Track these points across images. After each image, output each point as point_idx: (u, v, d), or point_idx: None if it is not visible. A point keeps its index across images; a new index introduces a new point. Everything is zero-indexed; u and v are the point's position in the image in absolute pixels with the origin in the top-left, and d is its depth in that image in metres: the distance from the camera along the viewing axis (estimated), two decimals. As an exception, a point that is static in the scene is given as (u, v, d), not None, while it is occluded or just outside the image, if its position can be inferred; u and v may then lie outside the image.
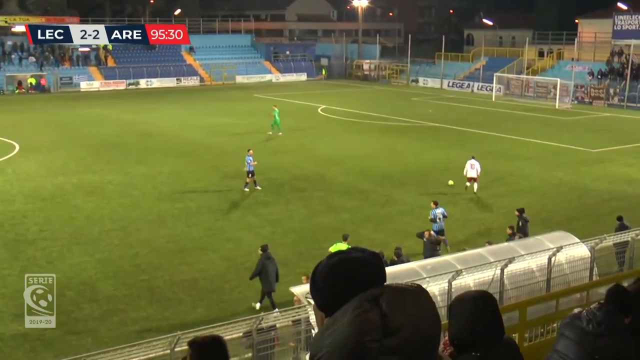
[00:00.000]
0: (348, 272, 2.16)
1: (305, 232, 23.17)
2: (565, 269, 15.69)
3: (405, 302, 2.03)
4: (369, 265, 2.19)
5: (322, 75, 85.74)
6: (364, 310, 1.99)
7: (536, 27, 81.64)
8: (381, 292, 2.05)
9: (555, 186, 29.54)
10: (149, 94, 66.54)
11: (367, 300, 2.02)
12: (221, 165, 33.12)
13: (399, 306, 2.00)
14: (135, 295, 17.69)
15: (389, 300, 2.01)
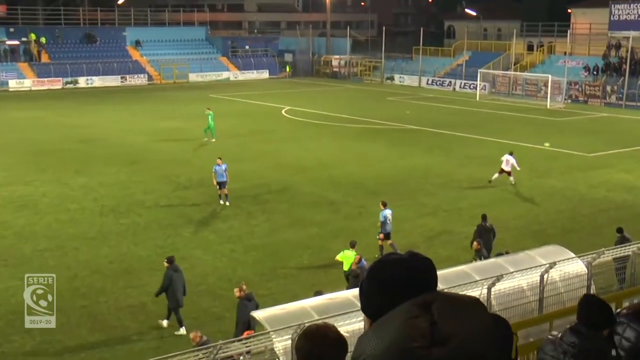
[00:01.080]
0: (399, 275, 2.26)
1: (268, 249, 23.10)
2: (560, 288, 15.87)
3: (459, 312, 2.10)
4: (422, 270, 2.29)
5: (286, 73, 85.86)
6: (414, 315, 2.07)
7: (524, 18, 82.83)
8: (434, 298, 2.12)
9: (547, 195, 29.90)
10: (90, 94, 65.93)
11: (418, 305, 2.10)
12: (172, 175, 32.89)
13: (450, 315, 2.07)
14: (73, 324, 17.44)
15: (441, 308, 2.08)
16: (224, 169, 27.95)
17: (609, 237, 23.60)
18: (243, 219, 26.24)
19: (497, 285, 14.60)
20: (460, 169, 34.30)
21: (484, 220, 22.05)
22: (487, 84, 68.69)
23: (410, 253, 2.35)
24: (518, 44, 74.70)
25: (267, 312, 14.19)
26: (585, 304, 5.15)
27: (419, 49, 79.56)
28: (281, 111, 54.70)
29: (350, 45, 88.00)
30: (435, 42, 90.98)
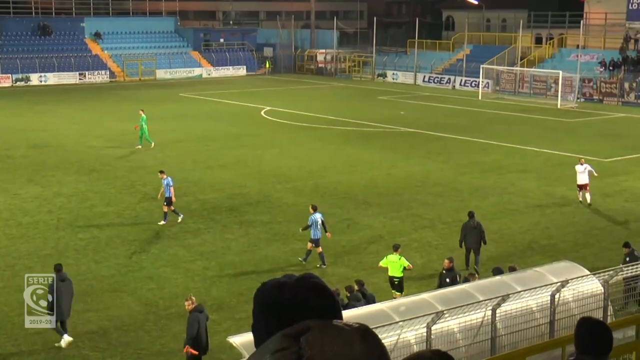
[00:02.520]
0: (281, 299, 2.26)
1: (246, 266, 23.08)
2: (573, 309, 15.95)
3: (333, 342, 2.07)
4: (309, 294, 2.27)
5: (265, 69, 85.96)
6: (281, 347, 2.07)
7: (532, 7, 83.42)
8: (307, 327, 2.11)
9: (558, 205, 30.07)
10: (43, 93, 65.72)
11: (288, 336, 2.10)
12: (138, 184, 32.82)
13: (323, 348, 2.06)
14: (26, 353, 17.34)
15: (313, 339, 2.07)
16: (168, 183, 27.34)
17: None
18: (217, 233, 26.20)
19: (503, 307, 14.65)
20: (461, 176, 34.44)
21: (470, 217, 23.01)
22: (491, 81, 69.02)
23: (300, 276, 2.33)
24: (525, 36, 75.14)
25: (245, 337, 14.17)
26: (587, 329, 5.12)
27: (414, 42, 79.92)
28: (260, 112, 54.73)
29: (337, 38, 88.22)
30: (433, 35, 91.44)
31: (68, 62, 75.71)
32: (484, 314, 14.44)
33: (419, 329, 13.53)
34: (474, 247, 22.67)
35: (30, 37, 78.74)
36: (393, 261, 20.13)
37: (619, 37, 67.88)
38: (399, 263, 20.02)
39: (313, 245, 23.00)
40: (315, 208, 23.43)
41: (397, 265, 20.00)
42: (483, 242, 22.90)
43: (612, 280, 16.60)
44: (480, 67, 67.79)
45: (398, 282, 20.07)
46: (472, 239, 22.70)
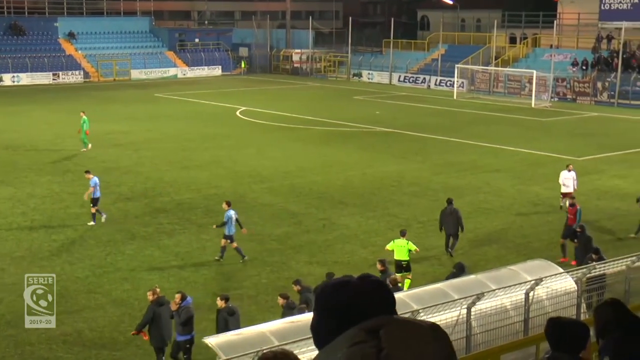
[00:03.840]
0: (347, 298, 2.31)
1: (222, 267, 23.04)
2: (547, 306, 16.05)
3: (411, 339, 2.14)
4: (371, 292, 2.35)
5: (241, 69, 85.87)
6: (360, 340, 2.12)
7: (506, 7, 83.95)
8: (383, 323, 2.17)
9: (533, 204, 30.26)
10: (16, 94, 65.21)
11: (365, 330, 2.15)
12: (113, 185, 32.64)
13: (401, 342, 2.11)
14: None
15: (391, 333, 2.13)
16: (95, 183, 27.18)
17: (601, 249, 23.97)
18: (193, 233, 26.13)
19: (478, 305, 14.73)
20: (436, 176, 34.58)
21: (448, 204, 24.42)
22: (466, 80, 69.35)
23: (361, 275, 2.39)
24: (499, 36, 75.57)
25: (220, 338, 14.16)
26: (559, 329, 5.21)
27: (390, 42, 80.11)
28: (236, 112, 54.63)
29: (312, 38, 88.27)
30: (408, 35, 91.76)
31: (41, 62, 75.17)
32: (459, 313, 14.50)
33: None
34: (452, 232, 23.99)
35: (3, 36, 78.10)
36: (401, 245, 21.21)
37: (591, 37, 68.47)
38: (406, 247, 21.17)
39: (228, 241, 23.32)
40: (230, 204, 23.93)
41: (405, 249, 21.15)
42: (460, 228, 24.02)
43: (586, 278, 16.73)
44: (455, 66, 68.07)
45: (406, 264, 21.21)
46: (449, 225, 24.02)
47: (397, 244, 21.37)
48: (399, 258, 21.26)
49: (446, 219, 24.18)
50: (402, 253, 21.22)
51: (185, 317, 16.28)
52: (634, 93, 60.62)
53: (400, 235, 21.75)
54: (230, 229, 23.33)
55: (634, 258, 17.63)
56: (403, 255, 21.21)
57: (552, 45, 69.85)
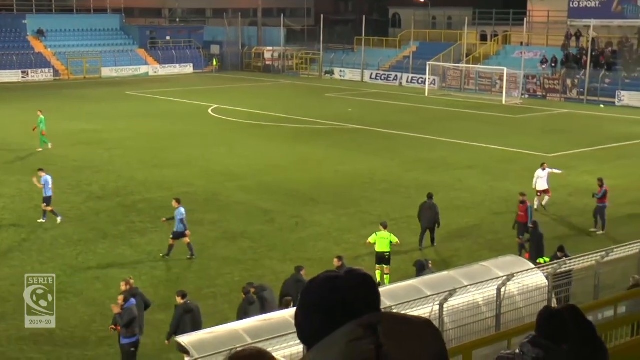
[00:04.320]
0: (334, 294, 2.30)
1: (194, 265, 22.97)
2: (518, 302, 16.17)
3: (407, 334, 2.15)
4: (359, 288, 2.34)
5: (212, 67, 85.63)
6: (357, 337, 2.11)
7: (477, 5, 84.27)
8: (380, 319, 2.17)
9: (504, 200, 30.43)
10: (-15, 92, 64.51)
11: (363, 326, 2.15)
12: (84, 183, 32.46)
13: (398, 338, 2.12)
14: (-31, 357, 17.05)
15: (388, 329, 2.13)
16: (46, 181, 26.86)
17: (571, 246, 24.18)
18: (165, 232, 25.95)
19: (450, 301, 14.80)
20: (408, 173, 34.69)
21: (428, 198, 25.15)
22: (437, 78, 69.66)
23: (347, 270, 2.39)
24: (470, 33, 75.96)
25: (193, 336, 14.11)
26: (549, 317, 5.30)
27: (361, 40, 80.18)
28: (208, 110, 54.46)
29: (284, 35, 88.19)
30: (380, 32, 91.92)
31: (10, 60, 74.41)
32: (431, 309, 14.57)
33: (367, 325, 13.56)
34: (429, 226, 24.62)
35: (-32, 34, 77.31)
36: (383, 237, 21.65)
37: (561, 35, 69.01)
38: (388, 239, 21.63)
39: (174, 238, 23.43)
40: (179, 201, 24.03)
41: (387, 241, 21.58)
42: (437, 224, 24.59)
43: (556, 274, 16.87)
44: (427, 64, 68.33)
45: (388, 256, 21.64)
46: (427, 219, 24.62)
47: (379, 236, 21.74)
48: (381, 250, 21.63)
49: (424, 212, 24.77)
50: (384, 245, 21.61)
51: (128, 319, 16.18)
52: (603, 90, 61.19)
53: (382, 227, 22.07)
54: (178, 227, 23.49)
55: (603, 253, 17.81)
56: (385, 247, 21.61)
57: (523, 43, 70.36)
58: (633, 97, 59.15)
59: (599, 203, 26.61)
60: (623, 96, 59.65)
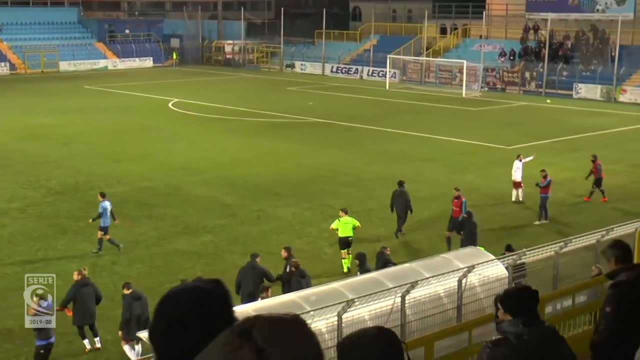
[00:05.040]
0: (190, 306, 2.27)
1: (156, 260, 22.83)
2: (479, 293, 16.30)
3: (284, 334, 2.12)
4: (214, 295, 2.32)
5: (172, 60, 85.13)
6: (235, 347, 2.05)
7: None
8: (252, 323, 2.12)
9: (465, 192, 30.56)
10: (-60, 87, 63.49)
11: (238, 334, 2.09)
12: (42, 178, 32.11)
13: (276, 339, 2.09)
14: None
15: (264, 333, 2.09)
16: None
17: (531, 236, 24.47)
18: (125, 227, 25.82)
19: (412, 293, 14.87)
20: (369, 166, 34.79)
21: (399, 185, 25.67)
22: (398, 71, 69.91)
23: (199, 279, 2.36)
24: (430, 26, 76.33)
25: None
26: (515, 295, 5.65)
27: (322, 33, 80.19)
28: (168, 104, 54.13)
29: (245, 29, 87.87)
30: (340, 25, 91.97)
31: (-35, 54, 73.35)
32: (393, 301, 14.62)
33: (330, 317, 13.61)
34: (400, 213, 25.10)
35: None
36: (346, 222, 22.29)
37: (519, 28, 69.62)
38: (351, 223, 22.31)
39: (103, 233, 23.35)
40: (104, 195, 24.03)
41: (349, 226, 22.23)
42: (409, 210, 25.10)
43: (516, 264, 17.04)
44: (387, 57, 68.57)
45: (351, 240, 22.23)
46: (398, 206, 25.15)
47: (342, 222, 22.31)
48: (344, 235, 22.19)
49: (396, 200, 25.30)
50: (347, 230, 22.19)
51: None
52: (560, 83, 61.92)
53: (343, 213, 22.65)
54: (105, 221, 23.32)
55: (562, 244, 18.02)
56: (348, 232, 22.19)
57: (482, 36, 70.86)
58: (590, 90, 59.92)
59: (542, 193, 26.92)
60: (580, 89, 60.40)
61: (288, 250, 19.73)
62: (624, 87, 59.00)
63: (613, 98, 58.33)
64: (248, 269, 18.58)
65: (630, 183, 32.46)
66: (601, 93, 59.31)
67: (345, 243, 22.29)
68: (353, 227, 22.35)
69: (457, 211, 23.87)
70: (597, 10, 66.64)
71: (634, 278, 7.05)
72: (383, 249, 20.09)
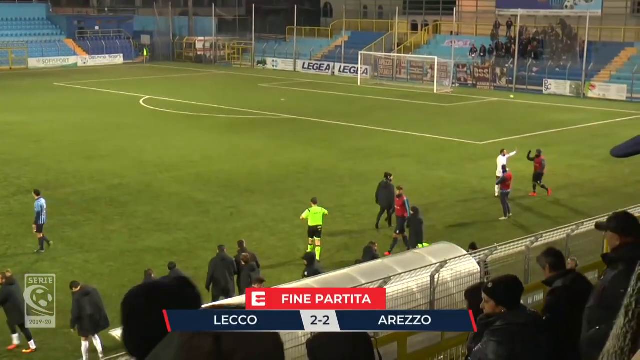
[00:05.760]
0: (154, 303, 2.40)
1: (128, 258, 22.73)
2: (451, 288, 16.40)
3: None
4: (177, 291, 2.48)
5: (143, 57, 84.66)
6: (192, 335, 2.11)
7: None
8: None
9: (437, 188, 30.84)
10: None
11: None
12: (11, 177, 31.84)
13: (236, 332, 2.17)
14: None
15: None
16: None
17: (502, 231, 24.66)
18: (97, 224, 25.70)
19: (385, 289, 14.94)
20: (342, 162, 34.85)
21: (385, 177, 26.09)
22: (369, 67, 70.03)
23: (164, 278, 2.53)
24: (401, 23, 76.47)
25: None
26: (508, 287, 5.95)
27: (293, 29, 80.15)
28: (139, 101, 53.84)
29: (216, 25, 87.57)
30: (311, 22, 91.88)
31: None
32: (366, 297, 14.65)
33: (303, 313, 13.62)
34: (385, 205, 25.51)
35: None
36: (315, 212, 22.89)
37: (489, 24, 70.04)
38: (320, 212, 22.92)
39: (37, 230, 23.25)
40: (39, 193, 23.94)
41: (319, 215, 22.85)
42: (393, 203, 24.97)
43: (489, 259, 17.18)
44: (359, 53, 68.70)
45: (320, 229, 22.85)
46: (383, 198, 25.52)
47: (312, 212, 22.90)
48: (314, 224, 22.79)
49: (381, 192, 25.67)
50: (317, 219, 22.81)
51: None
52: (530, 78, 62.43)
53: (313, 203, 23.28)
54: (41, 218, 23.21)
55: (533, 239, 18.19)
56: (318, 221, 22.81)
57: (453, 32, 71.16)
58: (559, 86, 60.42)
59: (502, 189, 27.10)
60: (550, 84, 60.88)
61: (239, 244, 20.17)
62: (592, 82, 59.57)
63: (582, 94, 58.85)
64: (218, 260, 19.01)
65: (599, 177, 32.78)
66: (570, 89, 59.83)
67: (314, 232, 22.87)
68: (323, 216, 22.99)
69: (399, 210, 23.86)
70: (566, 7, 67.21)
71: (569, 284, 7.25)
72: (371, 244, 20.23)
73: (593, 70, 60.53)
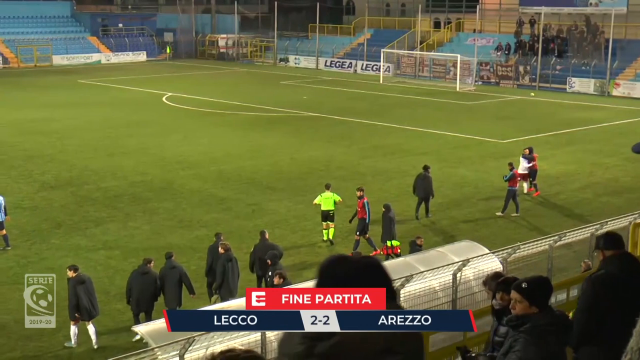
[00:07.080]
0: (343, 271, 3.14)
1: (150, 254, 22.71)
2: (474, 287, 16.32)
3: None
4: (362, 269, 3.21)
5: (166, 54, 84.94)
6: None
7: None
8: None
9: (458, 186, 30.71)
10: None
11: None
12: (36, 173, 32.04)
13: None
14: None
15: None
16: None
17: (525, 230, 24.52)
18: (120, 221, 25.80)
19: (407, 287, 14.88)
20: (363, 160, 34.80)
21: (423, 169, 26.79)
22: (392, 65, 69.88)
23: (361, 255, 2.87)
24: (424, 20, 76.30)
25: (150, 326, 14.02)
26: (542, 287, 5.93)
27: (316, 27, 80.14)
28: (162, 98, 54.04)
29: (238, 22, 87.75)
30: (334, 19, 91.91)
31: (-41, 48, 73.11)
32: (388, 295, 14.61)
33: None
34: (424, 196, 26.25)
35: None
36: (327, 197, 24.06)
37: (513, 22, 69.65)
38: (332, 198, 24.04)
39: None
40: None
41: (331, 200, 23.96)
42: (431, 195, 26.32)
43: (511, 258, 17.08)
44: (381, 51, 68.53)
45: (332, 213, 23.89)
46: (421, 190, 26.23)
47: (324, 197, 24.12)
48: (326, 208, 23.91)
49: (419, 184, 26.31)
50: (328, 204, 23.92)
51: None
52: (554, 76, 62.03)
53: (326, 188, 24.49)
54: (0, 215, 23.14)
55: (556, 237, 18.08)
56: (329, 206, 23.91)
57: (475, 30, 70.87)
58: (583, 84, 60.00)
59: (509, 186, 26.90)
60: (574, 82, 60.47)
61: (217, 235, 20.17)
62: (617, 81, 59.09)
63: (607, 92, 58.42)
64: (261, 246, 19.54)
65: (623, 176, 32.52)
66: (595, 87, 59.41)
67: (327, 216, 23.92)
68: (334, 202, 24.00)
69: (360, 212, 23.61)
70: (591, 4, 66.61)
71: None
72: (416, 238, 20.70)
73: (618, 68, 60.04)
